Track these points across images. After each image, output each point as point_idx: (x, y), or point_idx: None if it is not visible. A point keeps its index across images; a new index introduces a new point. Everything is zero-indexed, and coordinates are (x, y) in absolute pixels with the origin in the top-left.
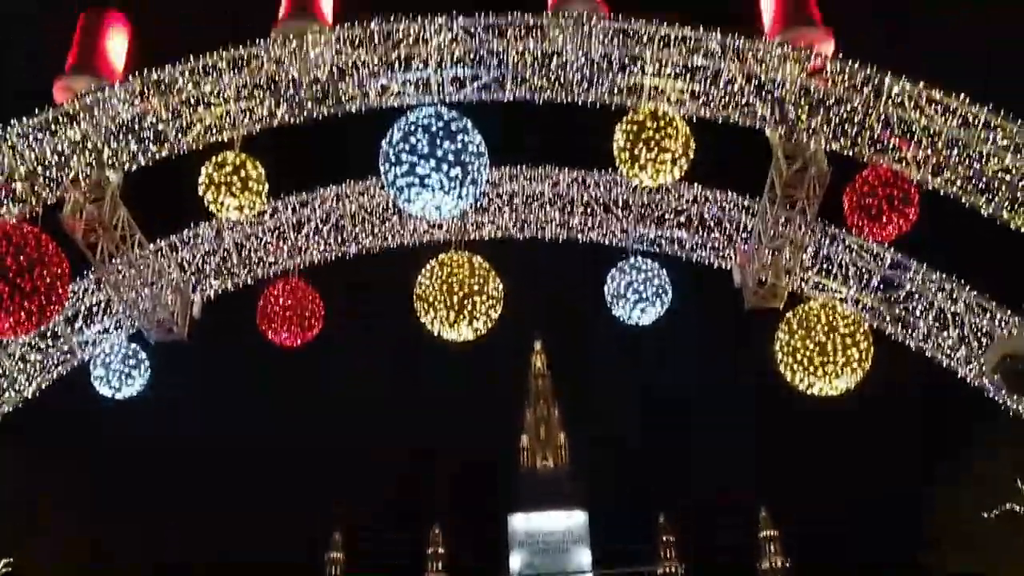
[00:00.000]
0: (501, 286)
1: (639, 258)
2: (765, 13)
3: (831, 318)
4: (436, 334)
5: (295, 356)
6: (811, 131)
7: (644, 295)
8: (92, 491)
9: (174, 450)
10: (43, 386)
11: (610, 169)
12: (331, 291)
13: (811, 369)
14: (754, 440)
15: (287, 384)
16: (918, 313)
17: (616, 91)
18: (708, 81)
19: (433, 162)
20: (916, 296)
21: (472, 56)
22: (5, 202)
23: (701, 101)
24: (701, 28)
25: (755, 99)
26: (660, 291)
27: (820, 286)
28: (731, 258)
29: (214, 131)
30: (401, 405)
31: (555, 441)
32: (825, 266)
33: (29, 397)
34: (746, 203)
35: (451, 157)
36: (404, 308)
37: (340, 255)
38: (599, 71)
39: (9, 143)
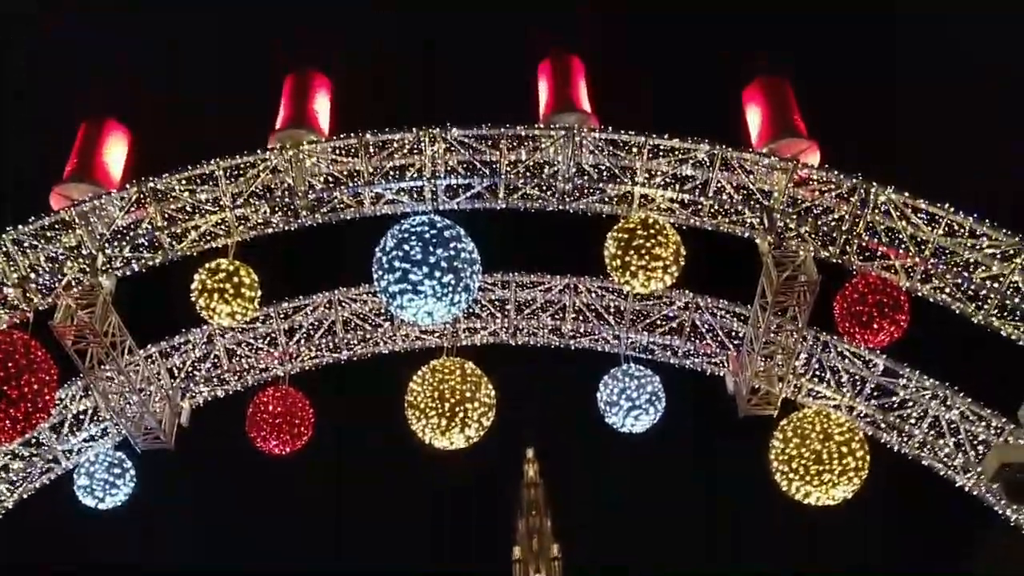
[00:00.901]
0: (493, 393)
1: (632, 365)
2: (751, 124)
3: (826, 426)
4: (427, 442)
5: (283, 464)
6: (800, 239)
7: (637, 402)
8: None
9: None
10: (24, 497)
11: (601, 276)
12: (321, 398)
13: (807, 478)
14: (753, 550)
15: (273, 494)
16: (913, 421)
17: (606, 200)
18: (697, 190)
19: (426, 269)
20: (911, 404)
21: (465, 165)
22: None
23: (691, 210)
24: (689, 139)
25: (744, 208)
26: (654, 398)
27: (814, 393)
28: (724, 365)
29: (209, 238)
30: (390, 515)
31: (548, 553)
32: (818, 373)
33: (10, 507)
34: (737, 310)
35: (444, 264)
36: (395, 415)
37: (332, 361)
38: (590, 180)
39: (3, 249)
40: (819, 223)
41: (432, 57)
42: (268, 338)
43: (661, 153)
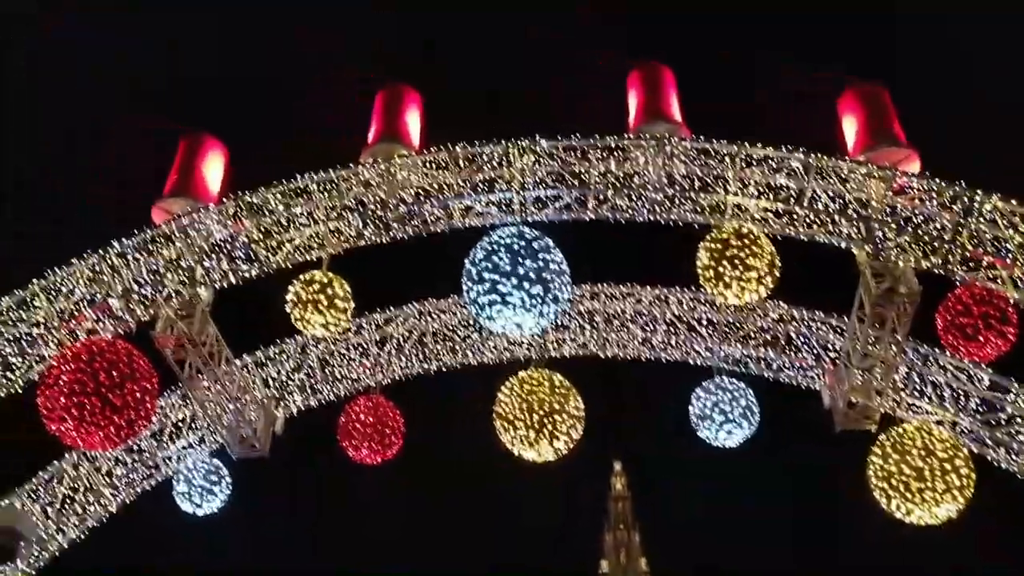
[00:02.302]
0: (582, 405)
1: (724, 377)
2: (847, 132)
3: (928, 441)
4: (516, 453)
5: (372, 473)
6: (899, 249)
7: (730, 416)
8: None
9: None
10: (127, 501)
11: (693, 287)
12: (411, 408)
13: (908, 496)
14: (848, 568)
15: (362, 502)
16: (1023, 437)
17: (698, 210)
18: (792, 199)
19: (515, 280)
20: (1019, 419)
21: (554, 177)
22: (102, 319)
23: (785, 219)
24: (784, 147)
25: (840, 217)
26: (747, 411)
27: (915, 408)
28: (820, 378)
29: (303, 250)
30: (477, 527)
31: (636, 567)
32: (919, 387)
33: (114, 511)
34: (834, 322)
35: (532, 275)
36: (484, 426)
37: (422, 372)
38: (681, 190)
39: (108, 262)
40: (919, 233)
41: (521, 67)
42: (360, 348)
43: (754, 162)
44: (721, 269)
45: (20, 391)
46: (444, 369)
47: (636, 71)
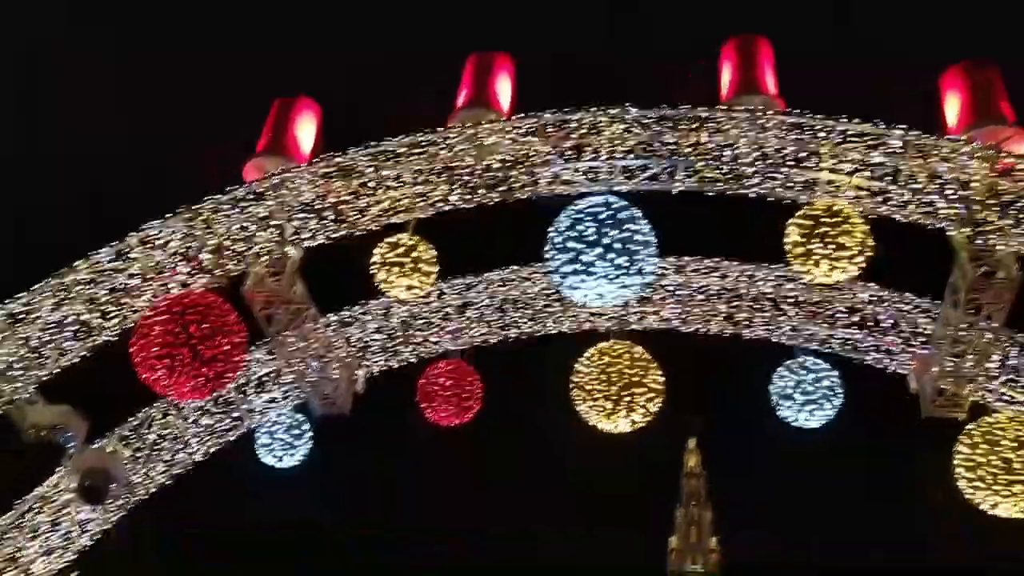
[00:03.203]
0: (662, 379)
1: (808, 357)
2: (950, 109)
3: (1020, 433)
4: (592, 424)
5: (448, 436)
6: (1000, 233)
7: (813, 397)
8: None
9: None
10: (212, 451)
11: (781, 264)
12: (490, 375)
13: (995, 488)
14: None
15: (435, 465)
16: None
17: (790, 185)
18: (888, 177)
19: (599, 249)
20: None
21: (644, 147)
22: (195, 273)
23: (880, 198)
24: (882, 124)
25: (938, 198)
26: (831, 393)
27: (1008, 398)
28: (908, 363)
29: (390, 213)
30: (546, 494)
31: (706, 545)
32: (1013, 376)
33: (199, 460)
34: (925, 305)
35: (617, 245)
36: (561, 395)
37: (501, 339)
38: (773, 164)
39: (202, 217)
40: (1022, 216)
41: (612, 35)
42: (441, 313)
43: (851, 138)
44: (811, 246)
45: (115, 340)
46: (524, 337)
47: (732, 41)
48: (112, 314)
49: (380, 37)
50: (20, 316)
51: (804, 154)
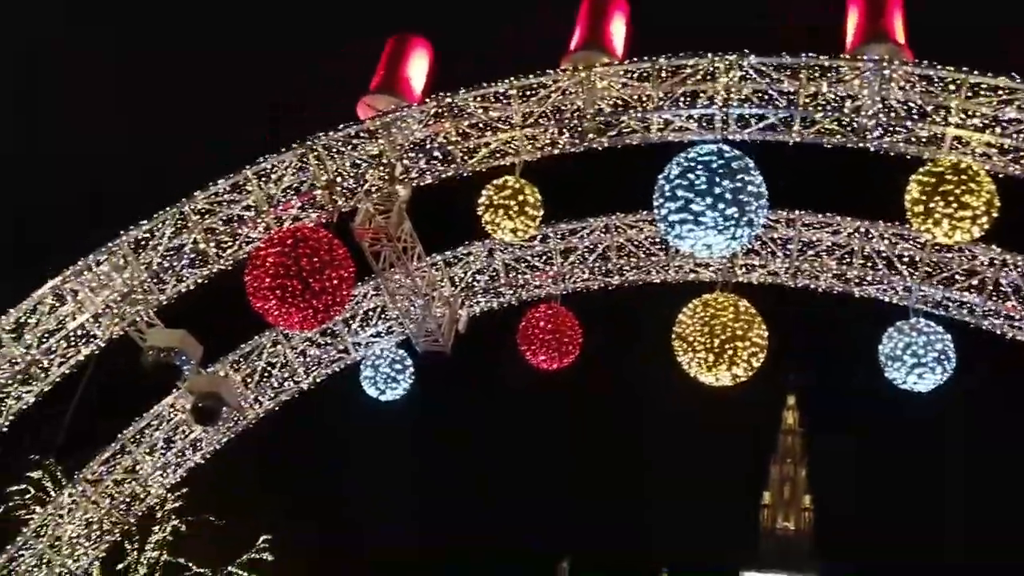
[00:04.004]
0: (766, 333)
1: (921, 319)
2: None
3: None
4: (692, 375)
5: (545, 381)
6: None
7: (923, 360)
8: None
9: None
10: (317, 380)
11: (898, 222)
12: (590, 320)
13: None
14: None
15: (532, 409)
16: None
17: (914, 140)
18: (1021, 135)
19: (710, 199)
20: None
21: (760, 95)
22: (307, 208)
23: (1011, 156)
24: (1017, 78)
25: None
26: (943, 357)
27: None
28: None
29: (498, 155)
30: (645, 443)
31: (800, 503)
32: None
33: (305, 388)
34: None
35: (728, 196)
36: (661, 345)
37: (603, 285)
38: (897, 118)
39: (315, 153)
40: None
41: None
42: (544, 257)
43: (982, 92)
44: (932, 205)
45: (230, 269)
46: (626, 285)
47: None
48: (227, 244)
49: None
50: (143, 242)
51: (931, 108)
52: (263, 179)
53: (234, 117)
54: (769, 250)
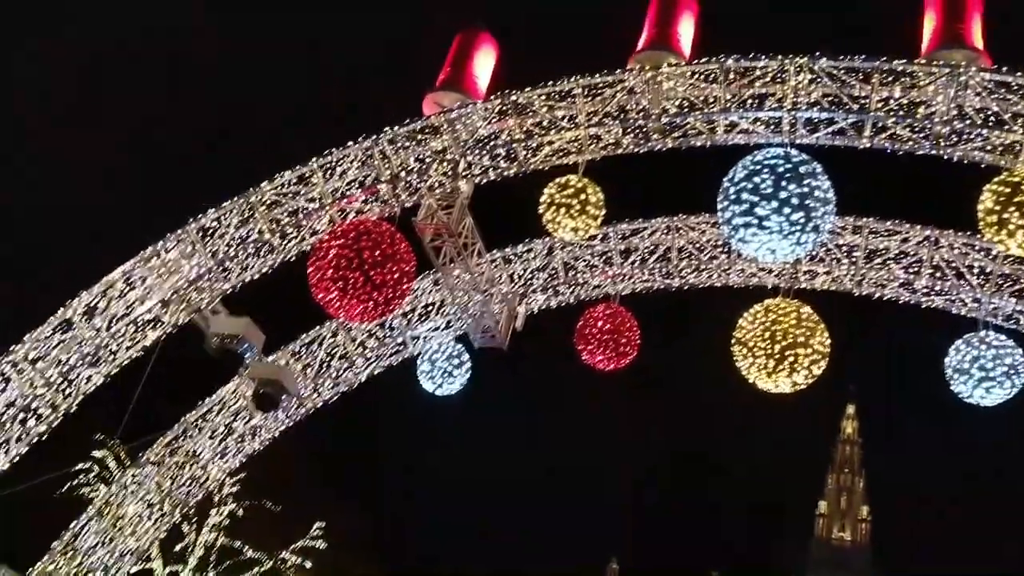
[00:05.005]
0: (829, 341)
1: (990, 332)
2: None
3: None
4: (752, 381)
5: (601, 381)
6: None
7: (991, 374)
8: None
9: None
10: (375, 372)
11: (969, 232)
12: (649, 322)
13: None
14: None
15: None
16: None
17: (989, 148)
18: None
19: (775, 203)
20: None
21: (830, 99)
22: (370, 201)
23: None
24: None
25: None
26: (1012, 372)
27: None
28: None
29: (561, 154)
30: (702, 448)
31: (856, 513)
32: None
33: (364, 380)
34: None
35: (795, 200)
36: (719, 350)
37: (663, 287)
38: (971, 125)
39: (380, 148)
40: None
41: None
42: (604, 256)
43: None
44: (1006, 215)
45: (294, 260)
46: (687, 287)
47: None
48: (291, 235)
49: None
50: (210, 230)
51: (1008, 115)
52: (328, 172)
53: (302, 111)
54: (834, 257)
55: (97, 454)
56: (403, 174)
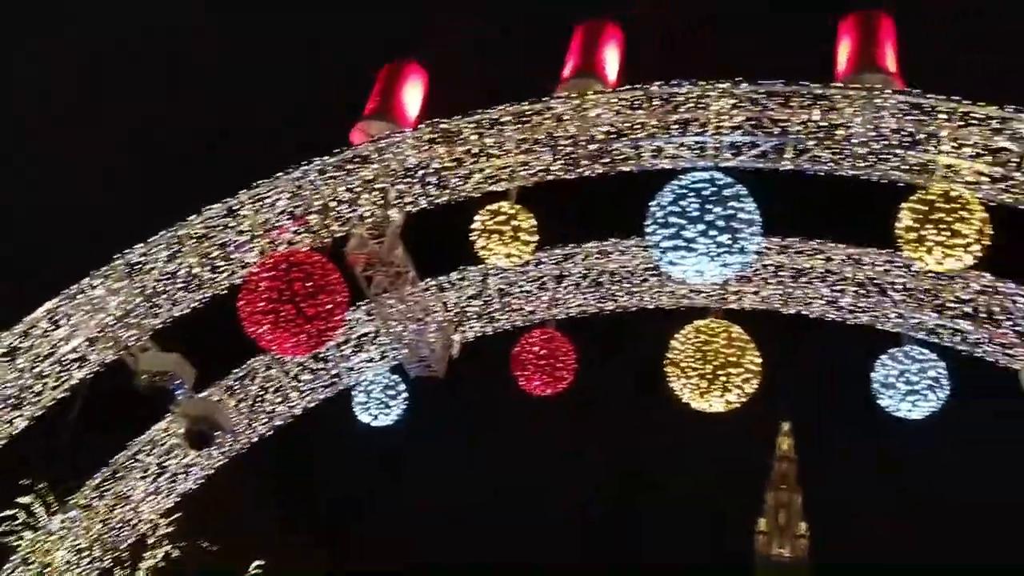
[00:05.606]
0: (760, 360)
1: (915, 346)
2: None
3: None
4: (685, 401)
5: (538, 405)
6: None
7: (916, 387)
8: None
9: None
10: (311, 405)
11: (890, 249)
12: (583, 347)
13: None
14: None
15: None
16: None
17: (905, 168)
18: (1012, 164)
19: (702, 226)
20: None
21: (752, 123)
22: (300, 233)
23: (1002, 185)
24: (1009, 107)
25: None
26: (935, 384)
27: None
28: (1020, 358)
29: (492, 181)
30: (638, 469)
31: (795, 529)
32: None
33: (299, 413)
34: None
35: (720, 223)
36: (654, 371)
37: (597, 311)
38: (888, 146)
39: (309, 179)
40: None
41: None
42: (538, 282)
43: (973, 121)
44: (924, 232)
45: (223, 293)
46: (620, 310)
47: (851, 17)
48: (222, 268)
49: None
50: (138, 265)
51: (922, 136)
52: (258, 203)
53: (230, 141)
54: (762, 277)
55: (22, 500)
56: (333, 204)
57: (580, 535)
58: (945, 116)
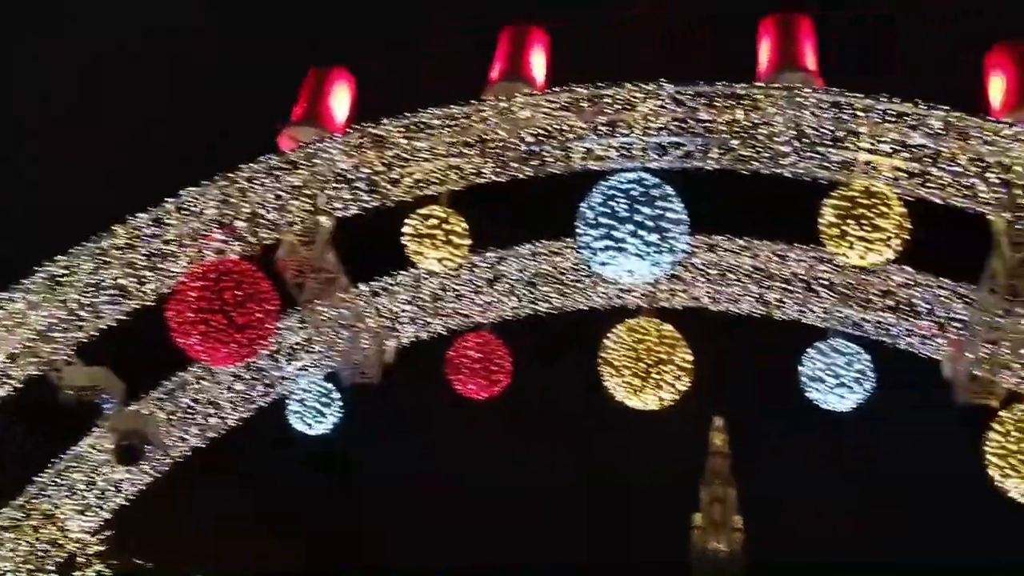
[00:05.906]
0: (690, 357)
1: (840, 340)
2: (994, 91)
3: None
4: (620, 400)
5: (475, 409)
6: None
7: (844, 380)
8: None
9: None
10: (245, 416)
11: (813, 245)
12: (519, 348)
13: None
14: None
15: (464, 437)
16: None
17: (826, 165)
18: (928, 159)
19: (631, 227)
20: None
21: (678, 123)
22: (229, 241)
23: (919, 180)
24: (923, 104)
25: (979, 181)
26: (862, 376)
27: None
28: (942, 348)
29: (423, 184)
30: (575, 469)
31: (730, 524)
32: None
33: (232, 425)
34: (962, 291)
35: (649, 223)
36: (589, 371)
37: (531, 312)
38: (809, 144)
39: (237, 185)
40: None
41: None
42: (472, 285)
43: (891, 118)
44: (846, 228)
45: (151, 304)
46: (553, 312)
47: (770, 18)
48: (149, 279)
49: (414, 8)
50: (60, 278)
51: (842, 133)
52: (185, 212)
53: (156, 149)
54: (691, 275)
55: None
56: (262, 211)
57: (511, 533)
58: (863, 114)
